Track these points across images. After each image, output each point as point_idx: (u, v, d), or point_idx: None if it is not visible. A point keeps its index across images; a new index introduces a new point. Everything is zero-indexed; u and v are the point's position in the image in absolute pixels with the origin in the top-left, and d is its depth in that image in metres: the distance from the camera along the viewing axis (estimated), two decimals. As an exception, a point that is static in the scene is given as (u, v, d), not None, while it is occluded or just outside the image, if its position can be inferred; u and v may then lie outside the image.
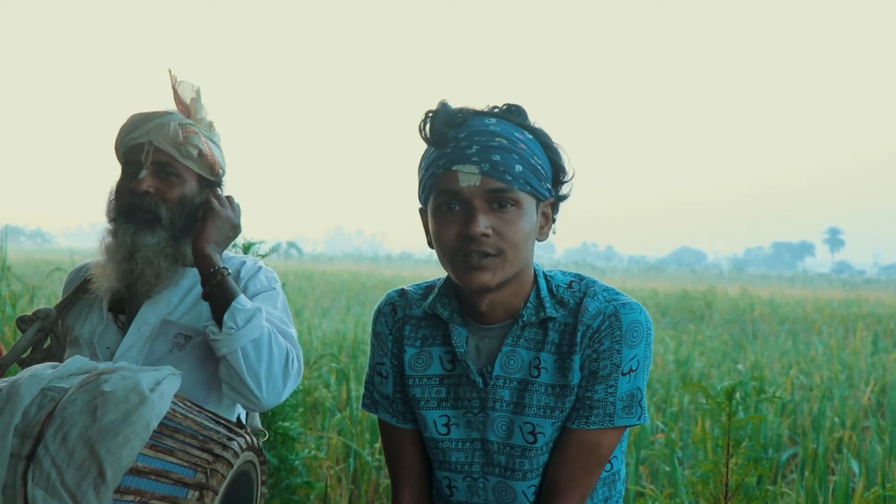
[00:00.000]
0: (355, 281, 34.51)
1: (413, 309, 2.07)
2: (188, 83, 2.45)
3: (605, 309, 1.91)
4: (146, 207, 2.33)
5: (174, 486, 1.72)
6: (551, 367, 1.92)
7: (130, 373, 1.87)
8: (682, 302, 25.71)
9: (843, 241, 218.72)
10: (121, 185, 2.40)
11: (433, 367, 2.02)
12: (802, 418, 7.46)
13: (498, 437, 1.96)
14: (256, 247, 4.06)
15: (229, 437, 1.85)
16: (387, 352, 2.09)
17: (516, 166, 1.81)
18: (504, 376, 1.94)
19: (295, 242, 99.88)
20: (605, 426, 1.91)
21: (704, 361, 10.68)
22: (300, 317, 14.74)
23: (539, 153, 1.87)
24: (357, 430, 5.93)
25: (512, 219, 1.82)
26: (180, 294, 2.41)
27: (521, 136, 1.85)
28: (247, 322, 2.18)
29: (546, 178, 1.89)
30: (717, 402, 3.26)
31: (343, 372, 6.89)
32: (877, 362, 11.44)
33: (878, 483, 5.13)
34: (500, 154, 1.80)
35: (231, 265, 2.49)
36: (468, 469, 2.01)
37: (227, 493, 1.83)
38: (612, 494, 2.07)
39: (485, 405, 1.95)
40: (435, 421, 2.01)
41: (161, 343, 2.34)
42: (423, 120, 1.88)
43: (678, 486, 4.91)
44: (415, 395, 2.03)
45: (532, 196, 1.86)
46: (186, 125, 2.39)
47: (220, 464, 1.78)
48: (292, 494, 4.14)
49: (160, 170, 2.36)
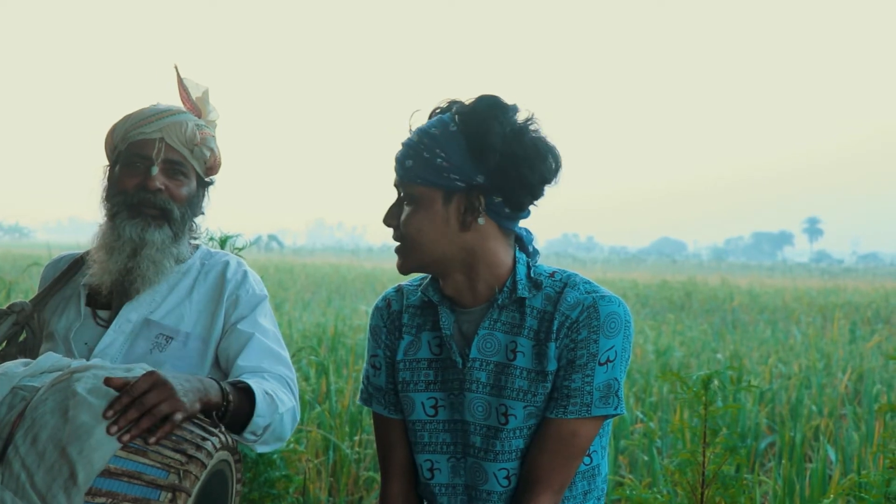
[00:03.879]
0: (336, 273, 34.47)
1: (410, 298, 2.14)
2: (192, 81, 2.44)
3: (584, 300, 1.94)
4: (157, 204, 2.31)
5: (147, 488, 1.70)
6: (529, 352, 1.95)
7: (104, 371, 1.85)
8: (662, 292, 25.81)
9: (822, 230, 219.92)
10: (126, 179, 2.34)
11: (422, 351, 2.08)
12: (780, 407, 7.50)
13: (475, 418, 2.00)
14: (233, 239, 4.02)
15: (203, 437, 1.83)
16: (380, 344, 2.15)
17: (406, 161, 1.95)
18: (481, 358, 1.98)
19: (276, 235, 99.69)
20: (583, 416, 1.93)
21: (684, 351, 10.73)
22: (281, 310, 14.72)
23: (450, 146, 1.90)
24: (337, 423, 5.92)
25: (407, 212, 1.96)
26: (163, 292, 2.38)
27: (438, 131, 1.92)
28: (266, 427, 2.10)
29: (453, 170, 1.90)
30: (695, 391, 3.28)
31: (322, 365, 6.87)
32: (854, 350, 11.52)
33: (855, 470, 5.17)
34: (404, 150, 1.96)
35: (214, 263, 2.46)
36: (452, 450, 2.05)
37: (202, 493, 1.81)
38: (591, 488, 2.09)
39: (463, 386, 2.00)
40: (423, 403, 2.05)
41: (141, 342, 2.31)
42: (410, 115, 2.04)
43: (657, 475, 4.93)
44: (404, 378, 2.08)
45: (433, 188, 1.93)
46: (203, 127, 2.38)
47: (194, 465, 1.76)
48: (271, 488, 4.12)
49: (170, 168, 2.33)
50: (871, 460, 5.24)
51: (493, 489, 2.01)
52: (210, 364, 2.34)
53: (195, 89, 2.43)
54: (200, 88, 2.43)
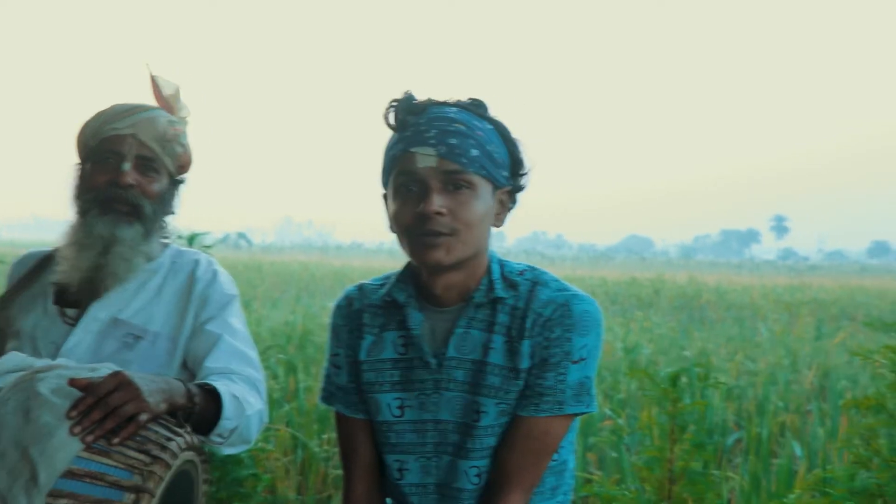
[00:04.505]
0: (305, 271, 34.41)
1: (371, 298, 2.10)
2: (164, 79, 2.41)
3: (557, 298, 1.94)
4: (128, 200, 2.27)
5: (110, 489, 1.68)
6: (501, 348, 1.95)
7: (68, 371, 1.82)
8: (631, 289, 25.97)
9: (789, 227, 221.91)
10: (97, 175, 2.30)
11: (386, 351, 2.04)
12: (747, 403, 7.57)
13: (453, 416, 1.98)
14: (201, 237, 4.01)
15: (168, 438, 1.81)
16: (341, 343, 2.11)
17: (472, 150, 1.87)
18: (458, 357, 1.96)
19: (244, 233, 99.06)
20: (555, 413, 1.92)
21: (652, 348, 10.80)
22: (249, 308, 14.65)
23: (497, 142, 1.93)
24: (305, 422, 5.91)
25: (466, 200, 1.87)
26: (132, 291, 2.33)
27: (480, 125, 1.92)
28: (233, 430, 2.08)
29: (502, 166, 1.94)
30: (663, 388, 3.30)
31: (291, 363, 6.86)
32: (820, 347, 11.64)
33: (820, 465, 5.22)
34: (457, 138, 1.87)
35: (184, 262, 2.43)
36: (421, 449, 2.03)
37: (166, 493, 1.80)
38: (559, 484, 2.08)
39: (438, 386, 1.98)
40: (389, 404, 2.03)
41: (110, 342, 2.27)
42: (387, 108, 1.95)
43: (625, 472, 4.96)
44: (369, 379, 2.05)
45: (487, 181, 1.91)
46: (175, 123, 2.35)
47: (158, 465, 1.74)
48: (239, 487, 4.11)
49: (141, 164, 2.29)
50: (837, 455, 5.30)
51: (464, 487, 2.00)
52: (178, 364, 2.31)
53: (167, 87, 2.41)
54: (172, 86, 2.41)
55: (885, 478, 2.83)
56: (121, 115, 2.31)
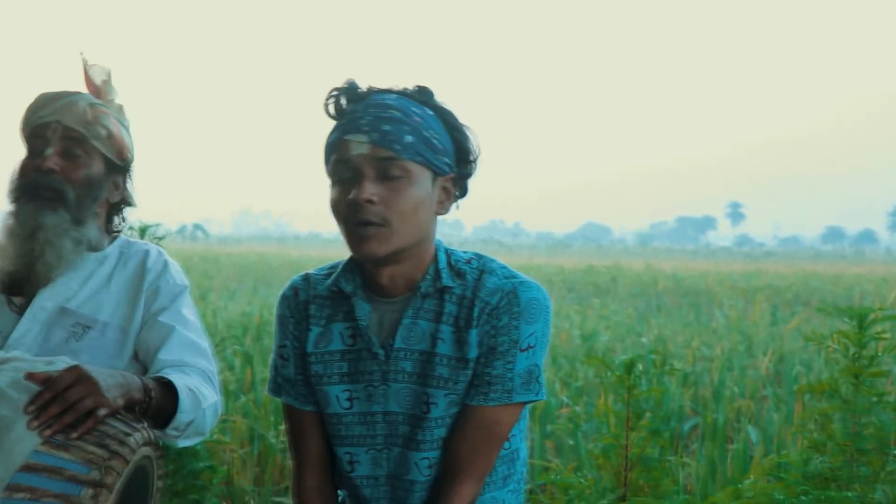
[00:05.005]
0: (262, 262, 34.29)
1: (318, 288, 2.06)
2: (100, 66, 2.39)
3: (504, 286, 1.92)
4: (49, 185, 2.24)
5: (68, 484, 1.67)
6: (449, 338, 1.93)
7: (24, 364, 1.81)
8: (588, 277, 26.15)
9: (744, 214, 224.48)
10: (25, 163, 2.30)
11: (334, 343, 2.02)
12: (704, 389, 7.63)
13: (402, 407, 1.96)
14: (153, 229, 3.95)
15: (126, 433, 1.79)
16: (288, 334, 2.08)
17: (406, 136, 1.84)
18: (406, 348, 1.94)
19: (201, 224, 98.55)
20: (504, 402, 1.92)
21: (610, 335, 10.86)
22: (206, 300, 14.57)
23: (436, 128, 1.90)
24: (262, 413, 5.89)
25: (400, 188, 1.84)
26: (80, 280, 2.31)
27: (419, 111, 1.88)
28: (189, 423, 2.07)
29: (443, 153, 1.90)
30: (618, 375, 3.30)
31: (247, 355, 6.83)
32: (775, 333, 11.78)
33: (775, 450, 5.27)
34: (391, 124, 1.84)
35: (133, 253, 2.41)
36: (371, 441, 2.01)
37: (123, 488, 1.78)
38: (511, 473, 2.08)
39: (386, 377, 1.96)
40: (338, 396, 2.01)
41: (58, 331, 2.24)
42: (327, 96, 1.92)
43: (582, 459, 4.98)
44: (316, 372, 2.02)
45: (426, 167, 1.87)
46: (96, 105, 2.31)
47: (116, 460, 1.73)
48: (195, 479, 4.07)
49: (67, 149, 2.27)
50: (791, 440, 5.35)
51: (416, 479, 1.99)
52: (129, 355, 2.30)
53: (99, 73, 2.38)
54: (105, 71, 2.39)
55: (838, 462, 2.86)
56: (46, 103, 2.30)
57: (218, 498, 4.46)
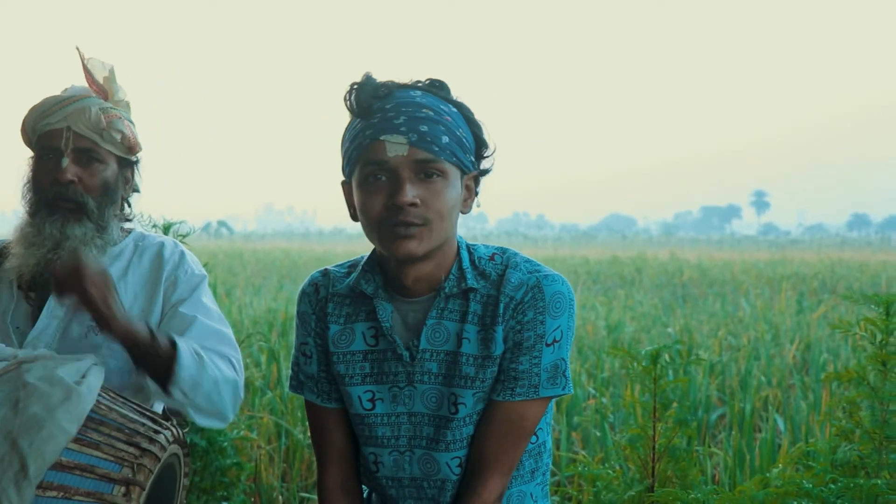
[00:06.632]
0: (286, 258, 34.32)
1: (336, 286, 2.05)
2: (98, 61, 2.36)
3: (528, 280, 1.91)
4: (71, 197, 2.25)
5: (100, 482, 1.68)
6: (474, 338, 1.92)
7: (53, 362, 1.82)
8: (613, 268, 26.03)
9: (769, 202, 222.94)
10: (40, 174, 2.30)
11: (356, 343, 2.00)
12: (730, 379, 7.58)
13: (428, 408, 1.96)
14: (177, 226, 3.97)
15: (156, 431, 1.80)
16: (310, 331, 2.07)
17: (443, 137, 1.82)
18: (431, 349, 1.93)
19: (225, 221, 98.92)
20: (531, 397, 1.91)
21: (635, 326, 10.80)
22: (231, 296, 14.58)
23: (463, 126, 1.89)
24: (288, 409, 5.89)
25: (438, 189, 1.83)
26: None
27: (447, 109, 1.87)
28: (194, 385, 2.08)
29: (470, 151, 1.90)
30: (644, 366, 3.29)
31: (273, 351, 6.84)
32: (801, 321, 11.68)
33: (803, 439, 5.24)
34: (428, 125, 1.82)
35: (148, 245, 2.43)
36: (394, 443, 2.00)
37: (153, 487, 1.79)
38: (538, 466, 2.08)
39: (412, 379, 1.95)
40: (360, 396, 2.00)
41: (76, 326, 2.27)
42: (348, 91, 1.88)
43: (609, 450, 4.96)
44: (339, 371, 2.02)
45: (457, 168, 1.87)
46: (108, 109, 2.31)
47: (147, 458, 1.73)
48: (223, 476, 4.09)
49: (82, 156, 2.28)
50: (819, 428, 5.31)
51: (447, 478, 1.99)
52: None
53: (101, 70, 2.37)
54: (106, 67, 2.37)
55: (866, 449, 2.83)
56: (52, 108, 2.28)
57: (245, 494, 4.48)
